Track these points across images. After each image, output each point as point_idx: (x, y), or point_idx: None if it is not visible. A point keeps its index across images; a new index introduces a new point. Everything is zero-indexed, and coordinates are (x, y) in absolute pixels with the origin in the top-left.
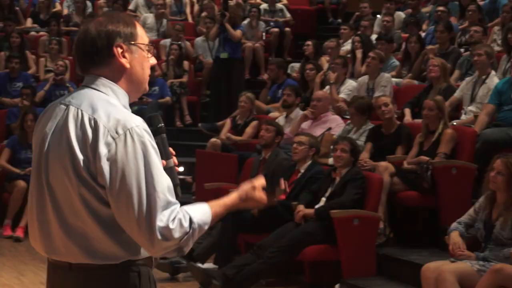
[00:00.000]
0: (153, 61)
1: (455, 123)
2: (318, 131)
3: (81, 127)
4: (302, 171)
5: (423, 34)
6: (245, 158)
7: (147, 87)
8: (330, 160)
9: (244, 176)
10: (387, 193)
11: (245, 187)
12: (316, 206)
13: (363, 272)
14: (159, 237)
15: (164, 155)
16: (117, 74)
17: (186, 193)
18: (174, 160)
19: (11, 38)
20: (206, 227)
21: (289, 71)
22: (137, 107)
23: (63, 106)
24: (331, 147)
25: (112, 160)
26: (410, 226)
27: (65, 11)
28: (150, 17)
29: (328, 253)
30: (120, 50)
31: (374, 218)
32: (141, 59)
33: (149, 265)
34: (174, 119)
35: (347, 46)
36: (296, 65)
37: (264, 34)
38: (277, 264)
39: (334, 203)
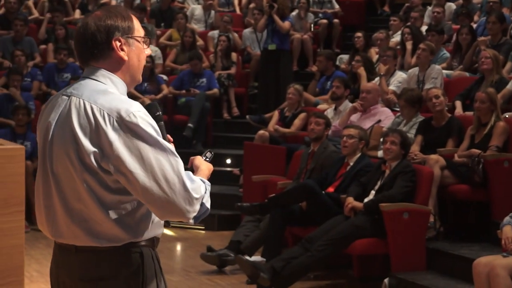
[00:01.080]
0: (148, 51)
1: (507, 116)
2: (367, 124)
3: (84, 116)
4: (351, 164)
5: (474, 26)
6: (293, 151)
7: (141, 78)
8: (380, 153)
9: (293, 169)
10: (437, 186)
11: (201, 163)
12: (366, 199)
13: (412, 266)
14: (194, 194)
15: None
16: (116, 66)
17: (233, 185)
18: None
19: (55, 30)
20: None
21: (337, 63)
22: (184, 98)
23: (65, 97)
24: (381, 139)
25: (126, 144)
26: (461, 220)
27: (113, 3)
28: (198, 9)
29: (377, 246)
30: (118, 44)
31: (424, 212)
32: (137, 51)
33: (151, 246)
34: (222, 111)
35: (396, 38)
36: (345, 57)
37: (312, 25)
38: (325, 257)
39: (383, 196)
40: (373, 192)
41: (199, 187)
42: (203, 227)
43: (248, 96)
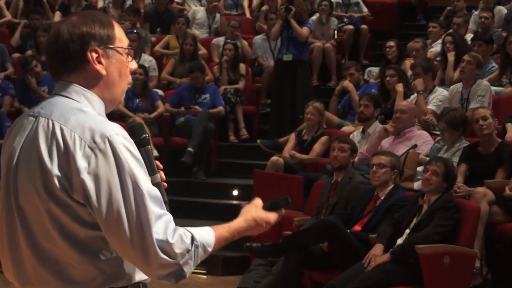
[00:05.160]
0: (133, 65)
1: None
2: (401, 149)
3: (52, 139)
4: (382, 197)
5: None
6: (313, 181)
7: (122, 99)
8: (416, 185)
9: (312, 203)
10: (484, 224)
11: (250, 209)
12: (399, 240)
13: None
14: (158, 250)
15: (150, 170)
16: (92, 81)
17: None
18: (161, 175)
19: (37, 37)
20: (210, 250)
21: (366, 76)
22: (183, 118)
23: (32, 118)
24: (418, 168)
25: (94, 174)
26: None
27: (100, 4)
28: (200, 11)
29: None
30: (95, 55)
31: (469, 255)
32: (118, 65)
33: None
34: (228, 133)
35: (436, 48)
36: (375, 69)
37: (336, 32)
38: None
39: (416, 237)
40: (407, 231)
41: (176, 245)
42: (204, 271)
43: (259, 116)
